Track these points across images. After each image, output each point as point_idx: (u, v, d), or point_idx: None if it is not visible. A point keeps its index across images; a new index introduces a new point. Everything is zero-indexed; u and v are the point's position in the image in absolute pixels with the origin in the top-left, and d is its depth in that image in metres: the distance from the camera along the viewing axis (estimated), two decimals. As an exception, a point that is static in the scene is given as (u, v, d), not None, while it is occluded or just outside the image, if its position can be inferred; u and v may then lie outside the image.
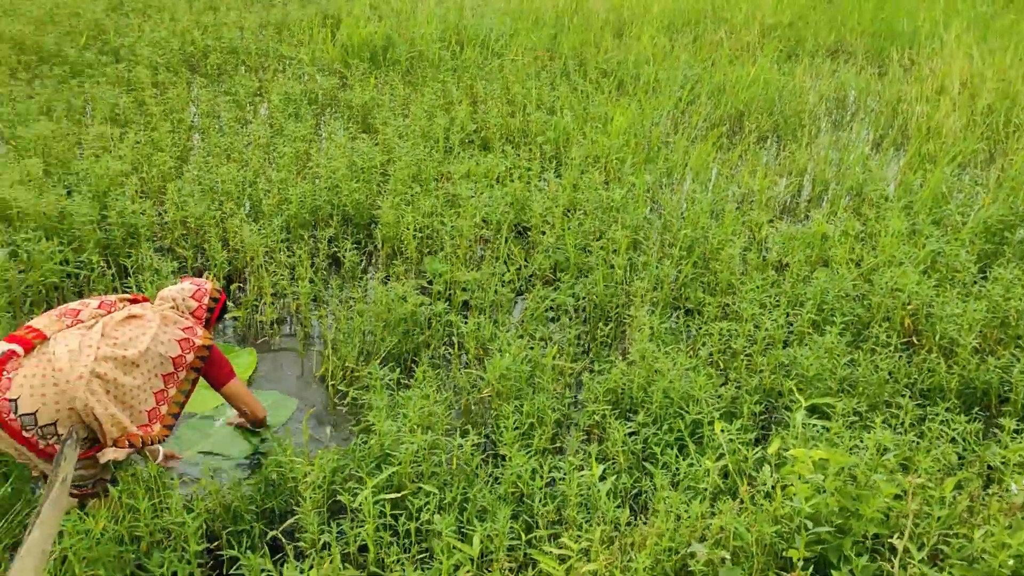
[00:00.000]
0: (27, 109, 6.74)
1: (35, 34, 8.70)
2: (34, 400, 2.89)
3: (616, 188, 5.77)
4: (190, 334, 3.33)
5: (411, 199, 5.58)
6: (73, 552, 2.89)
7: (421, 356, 4.41)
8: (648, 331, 4.24)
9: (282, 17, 10.36)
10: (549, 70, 8.78)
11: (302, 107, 7.35)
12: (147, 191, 5.75)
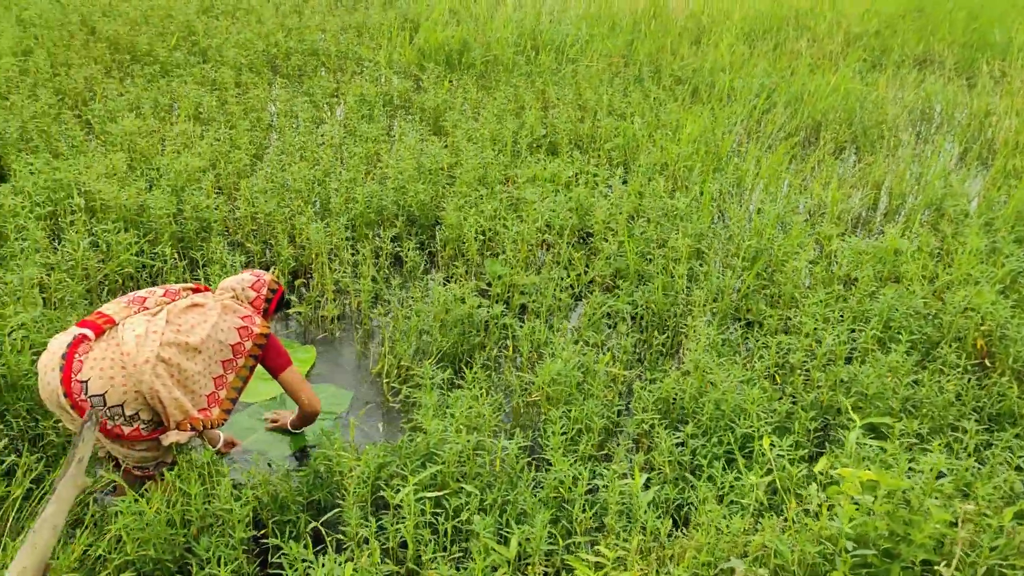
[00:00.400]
0: (117, 106, 7.03)
1: (130, 34, 9.07)
2: (103, 382, 3.02)
3: (681, 196, 5.71)
4: (248, 322, 3.43)
5: (475, 201, 5.62)
6: (127, 531, 3.01)
7: (475, 357, 4.44)
8: (704, 341, 4.18)
9: (363, 20, 10.57)
10: (623, 76, 8.74)
11: (376, 108, 7.49)
12: (222, 187, 5.94)
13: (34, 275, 4.33)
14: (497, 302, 4.89)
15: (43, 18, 9.32)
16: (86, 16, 9.63)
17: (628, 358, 4.41)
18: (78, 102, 7.40)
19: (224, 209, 5.40)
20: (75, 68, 7.93)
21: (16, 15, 9.43)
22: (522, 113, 7.45)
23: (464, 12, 11.03)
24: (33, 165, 5.72)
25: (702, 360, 3.98)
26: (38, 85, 7.41)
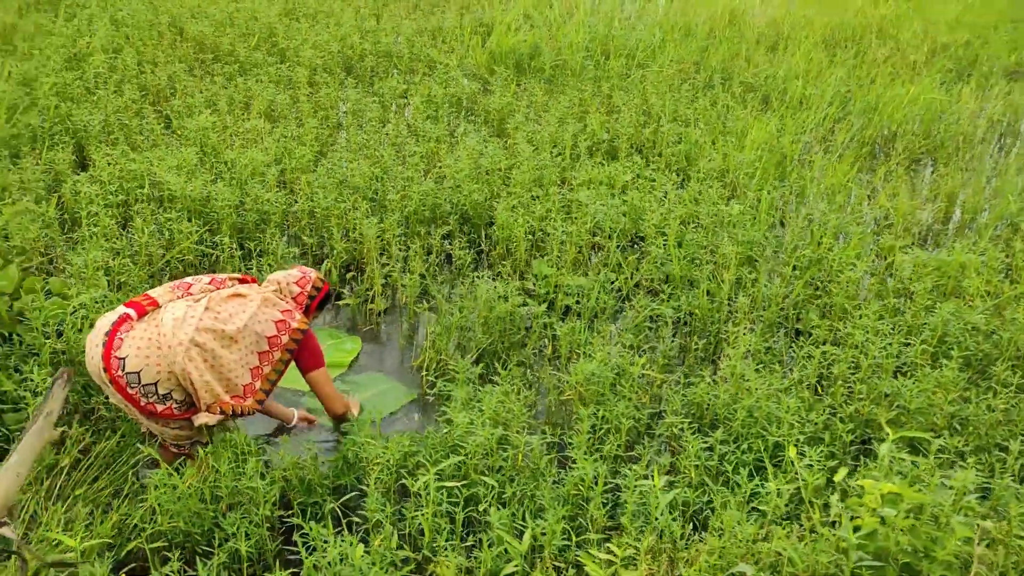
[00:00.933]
0: (195, 103, 7.32)
1: (215, 35, 9.42)
2: (139, 360, 3.16)
3: (737, 203, 5.64)
4: (287, 317, 3.53)
5: (527, 202, 5.66)
6: (159, 504, 3.15)
7: (514, 355, 4.48)
8: (744, 348, 4.13)
9: (438, 25, 10.73)
10: (692, 83, 8.66)
11: (441, 110, 7.60)
12: (285, 181, 6.12)
13: (99, 259, 4.55)
14: (541, 302, 4.92)
15: (135, 18, 9.76)
16: (176, 17, 10.04)
17: (666, 362, 4.38)
18: (160, 98, 7.72)
19: (284, 202, 5.56)
20: (160, 66, 8.29)
21: (111, 15, 9.90)
22: (585, 117, 7.46)
23: (538, 17, 11.09)
24: (111, 156, 6.01)
25: (739, 367, 3.93)
26: (124, 81, 7.77)
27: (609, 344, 4.37)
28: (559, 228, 5.24)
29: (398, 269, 5.13)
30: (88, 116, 6.63)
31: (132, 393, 3.19)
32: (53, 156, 5.94)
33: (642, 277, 5.15)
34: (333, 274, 5.16)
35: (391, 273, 5.13)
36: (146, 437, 3.67)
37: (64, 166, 5.86)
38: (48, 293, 4.51)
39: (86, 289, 4.29)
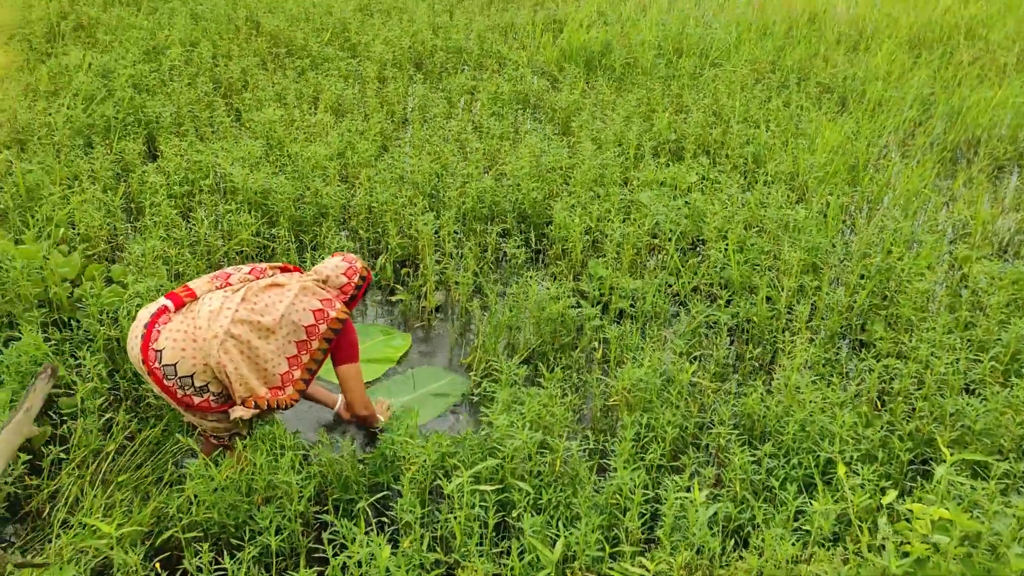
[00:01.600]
0: (265, 96, 7.43)
1: (289, 29, 9.56)
2: (175, 353, 3.18)
3: (803, 208, 5.44)
4: (327, 306, 3.51)
5: (587, 202, 5.56)
6: (195, 495, 3.17)
7: (562, 358, 4.39)
8: (800, 359, 3.96)
9: (510, 21, 10.68)
10: (766, 83, 8.42)
11: (507, 107, 7.55)
12: (346, 175, 6.15)
13: (157, 248, 4.63)
14: (595, 304, 4.82)
15: (213, 13, 9.97)
16: (253, 11, 10.23)
17: (719, 370, 4.24)
18: (231, 91, 7.86)
19: (343, 197, 5.58)
20: (234, 60, 8.44)
21: (191, 9, 10.13)
22: (651, 116, 7.31)
23: (612, 14, 10.95)
24: (179, 147, 6.13)
25: (794, 378, 3.77)
26: (199, 75, 7.93)
27: (661, 350, 4.25)
28: (617, 229, 5.13)
29: (452, 266, 5.10)
30: (161, 107, 6.78)
31: (169, 385, 3.21)
32: (124, 146, 6.09)
33: (700, 281, 5.01)
34: (387, 270, 5.16)
35: (445, 270, 5.10)
36: (187, 427, 3.71)
37: (134, 156, 6.00)
38: (109, 280, 4.62)
39: (143, 278, 4.36)
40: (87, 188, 5.34)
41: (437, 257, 5.23)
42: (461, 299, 4.91)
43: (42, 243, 4.62)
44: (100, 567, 3.11)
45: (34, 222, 4.97)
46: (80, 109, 6.60)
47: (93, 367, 3.68)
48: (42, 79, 7.44)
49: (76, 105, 6.69)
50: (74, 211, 5.07)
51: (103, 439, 3.57)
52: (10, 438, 3.03)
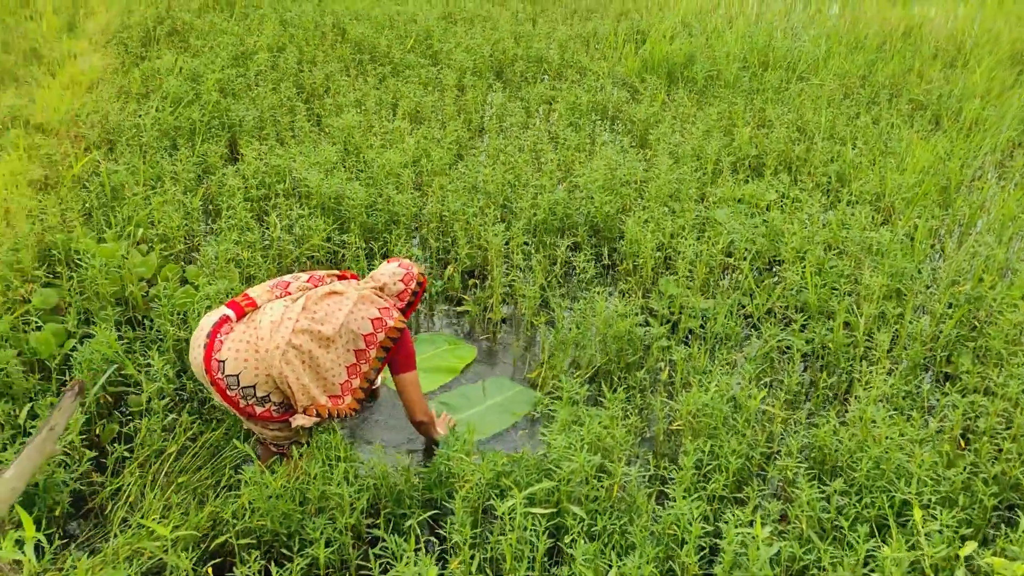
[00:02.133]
0: (346, 101, 7.52)
1: (373, 36, 9.67)
2: (238, 363, 3.19)
3: (888, 231, 5.21)
4: (385, 315, 3.49)
5: (660, 217, 5.43)
6: (249, 501, 3.18)
7: (627, 378, 4.29)
8: (877, 390, 3.77)
9: (593, 31, 10.59)
10: (855, 98, 8.14)
11: (584, 117, 7.47)
12: (419, 183, 6.16)
13: (230, 251, 4.70)
14: (664, 323, 4.70)
15: (301, 19, 10.16)
16: (340, 18, 10.39)
17: (790, 398, 4.07)
18: (314, 96, 7.98)
19: (415, 204, 5.58)
20: (318, 65, 8.58)
21: (280, 15, 10.36)
22: (732, 131, 7.13)
23: (697, 25, 10.76)
24: (259, 151, 6.24)
25: (870, 410, 3.58)
26: (283, 79, 8.07)
27: (730, 374, 4.10)
28: (690, 246, 4.99)
29: (520, 279, 5.04)
30: (244, 111, 6.92)
31: (232, 395, 3.23)
32: (207, 148, 6.23)
33: (775, 304, 4.84)
34: (455, 280, 5.13)
35: (513, 283, 5.05)
36: (245, 433, 3.74)
37: (216, 158, 6.13)
38: (184, 281, 4.71)
39: (215, 280, 4.43)
40: (168, 189, 5.46)
41: (505, 269, 5.18)
42: (527, 313, 4.84)
43: (122, 242, 4.73)
44: (157, 568, 3.14)
45: (116, 221, 5.10)
46: (168, 112, 6.77)
47: (160, 367, 3.74)
48: (135, 82, 7.68)
49: (164, 108, 6.88)
50: (154, 211, 5.19)
51: (166, 439, 3.62)
52: (33, 456, 3.04)
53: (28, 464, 3.02)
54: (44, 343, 4.05)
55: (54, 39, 9.29)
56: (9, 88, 7.76)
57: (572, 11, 11.98)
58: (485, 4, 11.87)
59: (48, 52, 8.83)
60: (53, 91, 7.32)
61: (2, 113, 6.87)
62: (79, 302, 4.41)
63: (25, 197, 5.21)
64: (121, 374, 3.94)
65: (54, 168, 5.78)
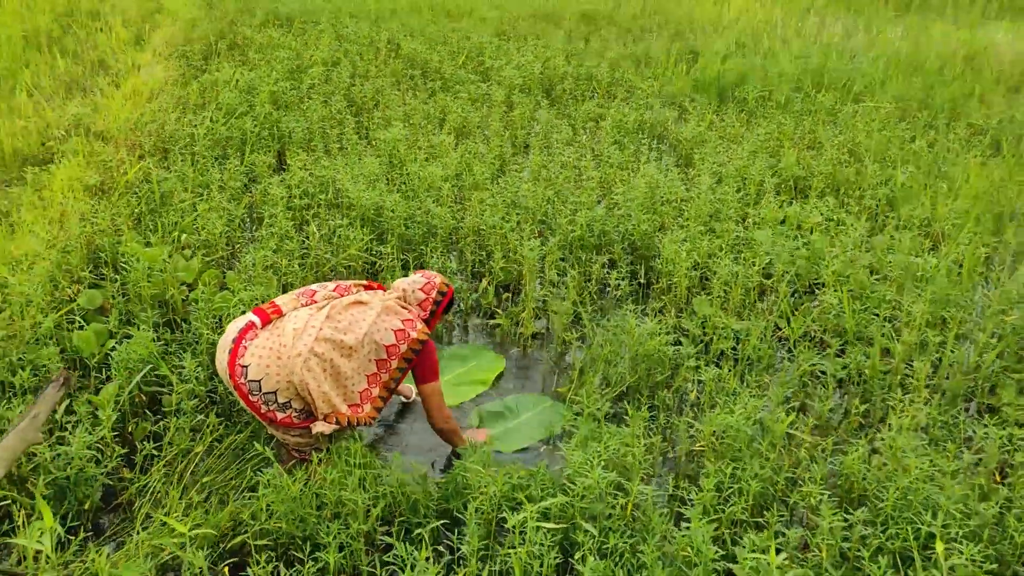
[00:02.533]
0: (394, 115, 7.63)
1: (426, 52, 9.81)
2: (260, 369, 3.25)
3: (935, 257, 5.08)
4: (408, 326, 3.52)
5: (698, 236, 5.39)
6: (266, 503, 3.22)
7: (655, 396, 4.25)
8: (911, 420, 3.67)
9: (645, 50, 10.59)
10: (911, 121, 7.97)
11: (630, 136, 7.45)
12: (459, 197, 6.21)
13: (267, 258, 4.80)
14: (697, 344, 4.65)
15: (357, 35, 10.36)
16: (394, 35, 10.57)
17: (819, 424, 3.99)
18: (363, 110, 8.11)
19: (453, 218, 5.63)
20: (370, 80, 8.73)
21: (337, 31, 10.57)
22: (779, 152, 7.04)
23: (752, 45, 10.68)
24: (305, 161, 6.36)
25: (901, 439, 3.49)
26: (335, 93, 8.22)
27: (759, 396, 4.03)
28: (726, 266, 4.94)
29: (554, 294, 5.04)
30: (294, 123, 7.07)
31: (254, 400, 3.29)
32: (255, 159, 6.37)
33: (812, 327, 4.75)
34: (489, 293, 5.15)
35: (547, 298, 5.05)
36: (266, 436, 3.79)
37: (263, 168, 6.27)
38: (223, 286, 4.82)
39: (252, 286, 4.52)
40: (215, 197, 5.60)
41: (539, 284, 5.18)
42: (559, 328, 4.84)
43: (167, 247, 4.86)
44: (175, 565, 3.20)
45: (163, 227, 5.25)
46: (221, 122, 6.95)
47: (192, 370, 3.83)
48: (193, 93, 7.91)
49: (218, 118, 7.07)
50: (199, 218, 5.33)
51: (193, 439, 3.70)
52: (14, 443, 3.11)
53: (9, 451, 3.08)
54: (86, 341, 4.18)
55: (121, 51, 9.63)
56: (76, 97, 8.06)
57: (626, 31, 11.99)
58: (539, 23, 11.95)
59: (115, 63, 9.15)
60: (115, 101, 7.58)
61: (67, 121, 7.13)
62: (122, 304, 4.54)
63: (79, 201, 5.39)
64: (156, 375, 4.03)
65: (109, 174, 5.97)
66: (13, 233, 4.99)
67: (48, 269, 4.52)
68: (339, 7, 11.83)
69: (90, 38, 10.06)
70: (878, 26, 12.70)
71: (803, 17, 13.45)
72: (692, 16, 12.86)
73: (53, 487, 3.34)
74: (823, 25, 13.28)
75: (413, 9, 12.29)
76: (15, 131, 6.62)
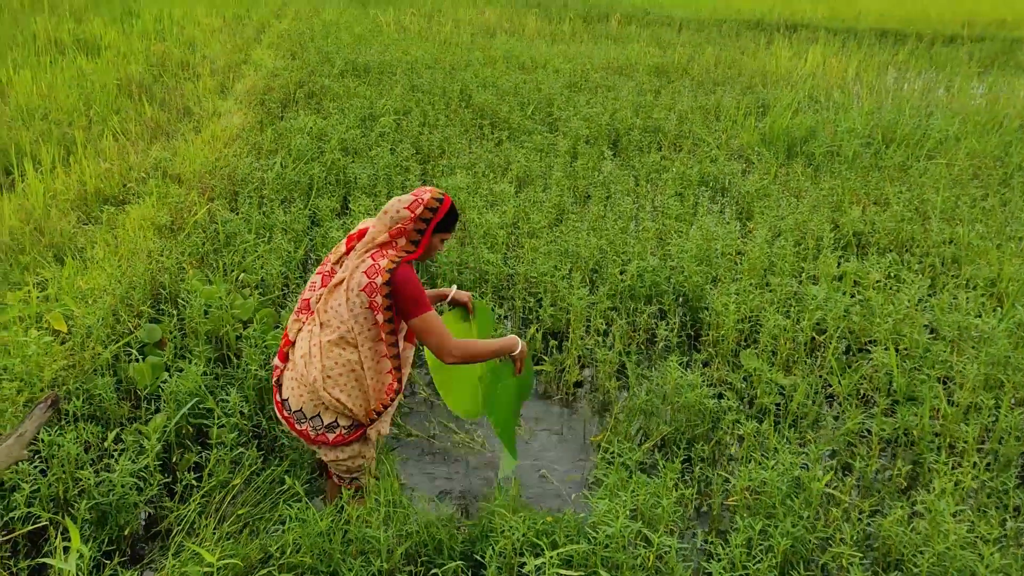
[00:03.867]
0: (458, 163, 7.80)
1: (496, 103, 10.02)
2: (297, 399, 3.33)
3: (995, 318, 4.91)
4: (372, 274, 3.17)
5: (750, 290, 5.32)
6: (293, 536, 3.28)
7: (693, 448, 4.19)
8: (957, 484, 3.54)
9: (715, 103, 10.60)
10: (984, 179, 7.75)
11: (692, 188, 7.44)
12: (513, 244, 6.28)
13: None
14: (742, 398, 4.58)
15: (431, 85, 10.65)
16: (466, 86, 10.83)
17: (859, 483, 3.86)
18: (429, 157, 8.31)
19: (507, 265, 5.69)
20: (439, 129, 8.95)
21: (411, 81, 10.89)
22: (842, 207, 6.93)
23: (824, 100, 10.58)
24: (368, 206, 6.54)
25: (943, 503, 3.36)
26: (403, 140, 8.46)
27: (798, 453, 3.94)
28: (774, 320, 4.86)
29: (599, 344, 5.04)
30: (360, 170, 7.29)
31: (303, 428, 3.34)
32: (320, 203, 6.59)
33: (862, 385, 4.63)
34: (537, 340, 5.18)
35: (592, 347, 5.05)
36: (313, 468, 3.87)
37: (326, 212, 6.47)
38: (277, 325, 4.97)
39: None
40: (277, 238, 5.80)
41: (585, 332, 5.19)
42: (603, 377, 4.83)
43: (226, 285, 5.05)
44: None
45: (224, 266, 5.45)
46: (290, 167, 7.22)
47: (236, 403, 3.95)
48: (267, 139, 8.24)
49: (288, 163, 7.34)
50: (259, 258, 5.52)
51: (232, 471, 3.80)
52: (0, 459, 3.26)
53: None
54: (141, 373, 4.35)
55: (206, 99, 10.11)
56: (159, 142, 8.48)
57: (698, 84, 12.03)
58: (611, 75, 12.09)
59: (198, 110, 9.61)
60: (194, 146, 7.95)
61: (148, 164, 7.50)
62: (179, 338, 4.72)
63: (148, 240, 5.65)
64: (203, 407, 4.17)
65: (179, 215, 6.25)
66: (85, 268, 5.25)
67: (112, 303, 4.74)
68: (416, 58, 12.20)
69: (178, 86, 10.60)
70: (959, 83, 12.44)
71: (881, 72, 13.29)
72: (765, 70, 12.84)
73: (96, 511, 3.48)
74: (902, 80, 13.09)
75: (488, 61, 12.60)
76: (99, 173, 6.99)
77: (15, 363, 3.97)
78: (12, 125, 7.95)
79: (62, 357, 4.26)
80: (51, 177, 6.87)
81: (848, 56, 14.01)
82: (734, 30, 17.11)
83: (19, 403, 3.81)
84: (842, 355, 4.98)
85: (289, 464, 3.91)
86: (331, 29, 14.10)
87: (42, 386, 3.98)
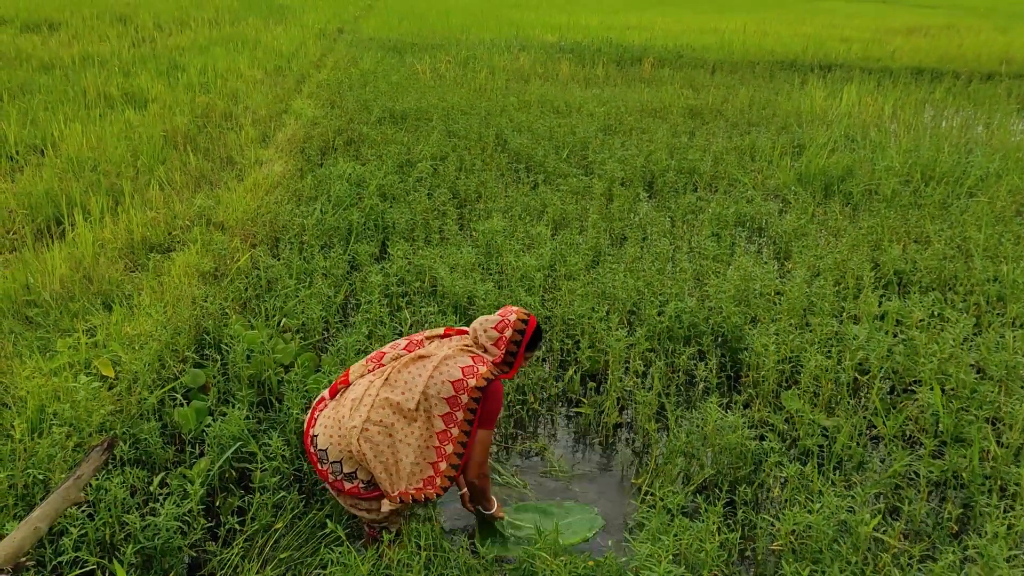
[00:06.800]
0: (495, 207, 7.87)
1: (531, 147, 10.11)
2: (325, 439, 3.36)
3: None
4: (468, 373, 3.36)
5: (789, 330, 5.28)
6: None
7: (737, 491, 4.13)
8: (1005, 527, 3.45)
9: (751, 144, 10.60)
10: (1027, 215, 7.66)
11: (728, 228, 7.43)
12: (551, 286, 6.30)
13: (360, 343, 4.98)
14: (784, 440, 4.52)
15: (466, 131, 10.79)
16: (502, 130, 10.95)
17: (908, 528, 3.78)
18: (466, 201, 8.39)
19: (544, 307, 5.71)
20: (475, 173, 9.05)
21: (447, 127, 11.05)
22: (881, 245, 6.87)
23: (861, 139, 10.54)
24: (406, 251, 6.63)
25: (993, 548, 3.28)
26: (440, 185, 8.56)
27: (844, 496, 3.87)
28: (815, 361, 4.81)
29: (638, 385, 5.02)
30: (399, 215, 7.39)
31: (323, 469, 3.38)
32: (358, 248, 6.68)
33: (904, 426, 4.55)
34: (575, 382, 5.17)
35: (631, 388, 5.03)
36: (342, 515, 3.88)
37: (365, 256, 6.56)
38: (318, 369, 5.02)
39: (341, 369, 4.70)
40: (317, 283, 5.89)
41: (624, 374, 5.17)
42: (642, 419, 4.80)
43: (268, 330, 5.13)
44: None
45: (266, 311, 5.54)
46: (330, 213, 7.34)
47: (278, 448, 3.98)
48: (307, 187, 8.39)
49: (328, 209, 7.47)
50: (301, 303, 5.60)
51: (275, 515, 3.82)
52: (57, 501, 3.28)
53: (52, 508, 3.25)
54: (186, 418, 4.42)
55: (248, 148, 10.34)
56: (203, 190, 8.67)
57: (733, 125, 12.06)
58: (645, 118, 12.16)
59: (240, 159, 9.82)
60: (237, 194, 8.12)
61: (192, 212, 7.67)
62: (222, 383, 4.79)
63: (193, 287, 5.77)
64: (246, 451, 4.22)
65: (223, 261, 6.37)
66: (132, 315, 5.36)
67: (158, 348, 4.83)
68: (452, 105, 12.37)
69: (222, 137, 10.85)
70: (999, 119, 12.33)
71: (918, 110, 13.22)
72: (800, 110, 12.84)
73: (141, 555, 3.52)
74: (939, 118, 13.01)
75: (523, 106, 12.73)
76: (146, 221, 7.16)
77: (65, 408, 4.06)
78: (63, 177, 8.19)
79: (110, 402, 4.33)
80: (100, 226, 7.05)
81: (884, 95, 13.96)
82: (768, 71, 17.15)
83: (68, 447, 3.89)
84: (886, 395, 4.91)
85: (331, 508, 3.92)
86: (369, 78, 14.36)
87: (90, 431, 4.06)
